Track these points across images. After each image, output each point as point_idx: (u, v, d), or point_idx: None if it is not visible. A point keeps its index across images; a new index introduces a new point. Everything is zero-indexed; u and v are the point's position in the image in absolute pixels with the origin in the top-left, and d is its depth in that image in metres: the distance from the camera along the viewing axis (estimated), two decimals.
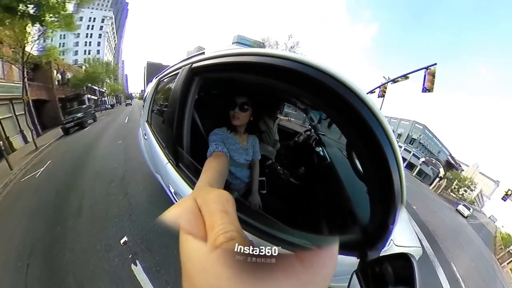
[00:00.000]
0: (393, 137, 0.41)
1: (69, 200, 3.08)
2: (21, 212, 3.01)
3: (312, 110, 2.04)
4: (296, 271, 0.16)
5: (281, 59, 0.47)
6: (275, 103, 1.66)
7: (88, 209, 2.79)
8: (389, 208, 0.45)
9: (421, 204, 9.25)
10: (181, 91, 0.86)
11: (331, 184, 1.15)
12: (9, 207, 3.31)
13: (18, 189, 4.05)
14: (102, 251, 2.02)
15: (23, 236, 2.41)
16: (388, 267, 0.47)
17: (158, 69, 2.50)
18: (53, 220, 2.65)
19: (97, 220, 2.51)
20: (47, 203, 3.11)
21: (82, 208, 2.82)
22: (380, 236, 0.48)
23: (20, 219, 2.78)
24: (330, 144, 1.76)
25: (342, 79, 0.40)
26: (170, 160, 0.99)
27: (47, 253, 2.11)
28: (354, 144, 0.48)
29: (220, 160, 0.63)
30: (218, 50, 0.74)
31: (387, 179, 0.42)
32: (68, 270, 1.87)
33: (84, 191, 3.31)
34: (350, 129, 0.44)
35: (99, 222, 2.46)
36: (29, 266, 1.96)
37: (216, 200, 0.22)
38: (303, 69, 0.43)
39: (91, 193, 3.21)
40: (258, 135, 1.11)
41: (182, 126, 0.86)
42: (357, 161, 0.70)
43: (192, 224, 0.19)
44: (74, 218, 2.62)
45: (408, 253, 0.49)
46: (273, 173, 1.35)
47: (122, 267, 1.83)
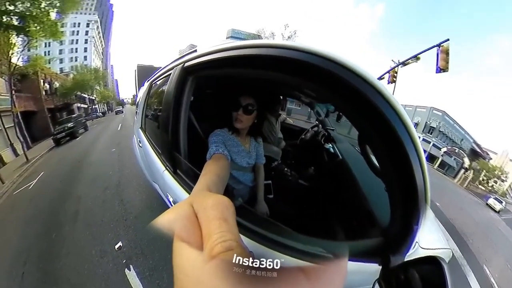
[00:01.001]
0: (412, 126, 0.40)
1: (64, 207, 3.30)
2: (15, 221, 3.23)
3: (318, 103, 2.02)
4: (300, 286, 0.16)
5: (281, 49, 0.46)
6: (276, 98, 1.66)
7: (83, 215, 2.99)
8: (412, 207, 0.44)
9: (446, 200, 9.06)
10: (175, 93, 0.87)
11: (345, 183, 1.14)
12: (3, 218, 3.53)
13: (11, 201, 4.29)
14: (97, 256, 2.15)
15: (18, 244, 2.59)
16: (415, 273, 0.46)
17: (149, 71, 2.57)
18: (49, 227, 2.85)
19: (92, 226, 2.69)
20: (43, 212, 3.34)
21: (78, 214, 3.03)
22: (404, 239, 0.46)
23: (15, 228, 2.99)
24: (340, 139, 1.75)
25: (350, 65, 0.39)
26: (167, 167, 1.00)
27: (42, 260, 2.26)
28: (368, 137, 0.47)
29: (220, 163, 0.62)
30: (212, 46, 0.74)
31: (408, 173, 0.41)
32: (62, 276, 2.01)
33: (80, 198, 3.55)
34: (362, 121, 0.43)
35: (94, 228, 2.63)
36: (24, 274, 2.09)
37: (215, 206, 0.22)
38: (307, 58, 0.42)
39: (86, 200, 3.44)
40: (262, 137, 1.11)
41: (178, 130, 0.86)
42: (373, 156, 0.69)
43: (187, 231, 0.19)
44: (69, 224, 2.83)
45: (437, 255, 0.48)
46: (280, 175, 1.34)
47: (116, 272, 1.93)
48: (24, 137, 11.38)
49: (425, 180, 0.43)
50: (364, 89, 0.39)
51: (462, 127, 29.38)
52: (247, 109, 0.86)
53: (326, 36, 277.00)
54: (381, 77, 10.58)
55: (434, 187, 9.37)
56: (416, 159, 0.41)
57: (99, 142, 8.67)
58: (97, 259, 2.11)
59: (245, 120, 0.88)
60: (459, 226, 5.83)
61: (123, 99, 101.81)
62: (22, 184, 5.24)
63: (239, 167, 0.93)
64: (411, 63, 9.50)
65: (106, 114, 32.92)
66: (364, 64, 2.52)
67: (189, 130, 0.90)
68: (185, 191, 0.79)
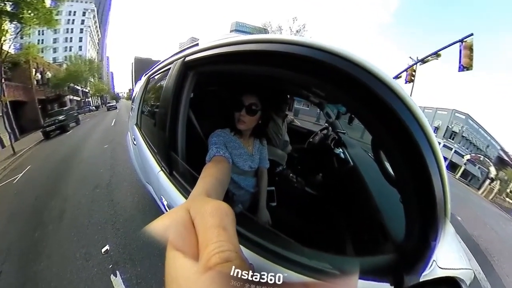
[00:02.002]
0: (431, 131, 0.40)
1: (50, 205, 3.34)
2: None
3: (328, 104, 2.02)
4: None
5: (289, 45, 0.46)
6: (283, 98, 1.66)
7: (69, 215, 3.02)
8: (430, 220, 0.43)
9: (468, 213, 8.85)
10: (174, 89, 0.88)
11: (356, 192, 1.13)
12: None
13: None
14: (82, 259, 2.16)
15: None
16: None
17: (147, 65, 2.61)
18: (32, 224, 2.89)
19: (78, 226, 2.71)
20: (27, 208, 3.39)
21: (64, 213, 3.06)
22: (420, 256, 0.46)
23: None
24: (352, 144, 1.74)
25: (363, 63, 0.39)
26: (163, 167, 1.01)
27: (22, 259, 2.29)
28: (382, 142, 0.46)
29: (221, 166, 0.63)
30: (214, 40, 0.75)
31: (426, 183, 0.41)
32: (43, 278, 2.01)
33: (67, 196, 3.58)
34: (376, 124, 0.43)
35: (80, 229, 2.64)
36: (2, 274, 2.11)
37: (213, 212, 0.22)
38: (316, 55, 0.42)
39: (74, 198, 3.47)
40: (266, 139, 1.11)
41: (176, 128, 0.87)
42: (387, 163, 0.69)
43: (182, 239, 0.19)
44: (54, 223, 2.85)
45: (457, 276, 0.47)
46: (285, 181, 1.34)
47: (101, 278, 1.93)
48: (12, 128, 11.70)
49: (445, 191, 0.43)
50: (378, 89, 0.38)
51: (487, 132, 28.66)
52: (250, 109, 0.86)
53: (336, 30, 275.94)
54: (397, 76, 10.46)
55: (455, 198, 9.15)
56: (436, 168, 0.41)
57: (91, 137, 8.77)
58: (81, 262, 2.11)
59: (249, 121, 0.88)
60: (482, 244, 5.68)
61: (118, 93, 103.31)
62: (7, 177, 5.33)
63: (240, 171, 0.93)
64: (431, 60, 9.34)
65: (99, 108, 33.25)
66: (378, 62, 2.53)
67: (188, 129, 0.91)
68: (181, 195, 0.80)
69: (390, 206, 0.78)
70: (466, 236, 5.64)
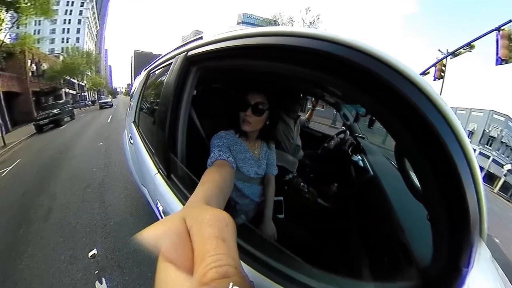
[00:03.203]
0: (464, 136, 0.39)
1: (38, 202, 3.49)
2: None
3: (346, 105, 2.00)
4: None
5: (302, 38, 0.46)
6: (295, 97, 1.66)
7: (57, 214, 3.12)
8: (462, 242, 0.41)
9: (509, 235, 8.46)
10: (175, 85, 0.90)
11: (376, 207, 1.10)
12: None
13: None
14: (66, 262, 2.21)
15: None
16: None
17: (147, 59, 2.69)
18: (17, 221, 3.02)
19: (66, 227, 2.79)
20: (13, 203, 3.55)
21: (51, 212, 3.17)
22: (448, 284, 0.44)
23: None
24: (372, 150, 1.71)
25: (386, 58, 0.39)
26: (160, 170, 1.02)
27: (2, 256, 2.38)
28: (407, 149, 0.45)
29: (223, 172, 0.63)
30: (219, 33, 0.76)
31: (458, 198, 0.39)
32: (23, 278, 2.08)
33: (56, 193, 3.73)
34: (400, 128, 0.42)
35: (67, 230, 2.73)
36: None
37: (212, 222, 0.22)
38: (333, 49, 0.42)
39: (63, 197, 3.60)
40: (275, 143, 1.11)
41: (177, 128, 0.89)
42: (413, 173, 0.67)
43: (176, 250, 0.19)
44: (40, 222, 2.96)
45: None
46: (295, 191, 1.33)
47: (85, 283, 1.97)
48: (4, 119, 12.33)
49: (480, 207, 0.41)
50: (402, 87, 0.38)
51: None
52: (256, 109, 0.87)
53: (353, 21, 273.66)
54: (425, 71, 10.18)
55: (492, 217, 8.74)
56: (470, 179, 0.39)
57: (85, 133, 9.14)
58: (65, 265, 2.16)
59: (255, 121, 0.89)
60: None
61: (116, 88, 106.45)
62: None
63: (245, 177, 0.94)
64: (464, 53, 8.95)
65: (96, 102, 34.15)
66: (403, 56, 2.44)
67: (189, 129, 0.92)
68: (178, 201, 0.81)
69: (415, 223, 0.76)
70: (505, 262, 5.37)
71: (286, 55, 0.50)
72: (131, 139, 1.87)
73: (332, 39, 0.43)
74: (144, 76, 2.06)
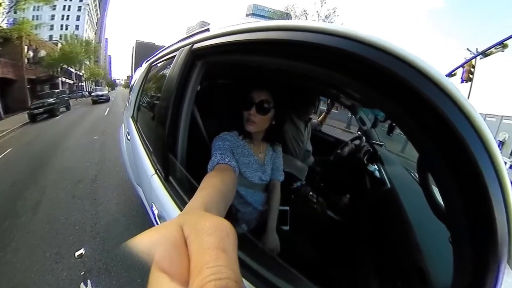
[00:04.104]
0: (495, 147, 0.37)
1: (26, 194, 3.60)
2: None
3: (363, 108, 1.98)
4: None
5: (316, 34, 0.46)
6: (307, 98, 1.65)
7: (45, 208, 3.20)
8: (488, 268, 0.40)
9: None
10: (179, 80, 0.90)
11: (391, 223, 1.08)
12: None
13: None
14: (51, 260, 2.26)
15: None
16: None
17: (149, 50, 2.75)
18: (3, 213, 3.11)
19: (54, 222, 2.86)
20: (0, 193, 3.68)
21: (39, 206, 3.26)
22: None
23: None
24: (391, 159, 1.68)
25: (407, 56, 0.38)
26: (158, 170, 1.03)
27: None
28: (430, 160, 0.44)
29: (225, 176, 0.63)
30: (227, 25, 0.76)
31: (486, 220, 0.38)
32: (5, 272, 2.13)
33: (46, 187, 3.84)
34: (423, 136, 0.41)
35: (55, 226, 2.78)
36: None
37: (212, 231, 0.22)
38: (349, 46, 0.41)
39: (53, 191, 3.69)
40: (283, 146, 1.11)
41: (178, 126, 0.89)
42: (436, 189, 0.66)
43: (171, 259, 0.19)
44: (27, 215, 3.05)
45: None
46: (302, 201, 1.32)
47: (69, 284, 1.99)
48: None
49: (510, 230, 0.40)
50: (426, 90, 0.37)
51: None
52: (261, 107, 0.87)
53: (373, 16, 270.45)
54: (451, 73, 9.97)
55: None
56: (500, 197, 0.38)
57: (80, 125, 9.38)
58: (50, 263, 2.20)
59: (259, 121, 0.88)
60: None
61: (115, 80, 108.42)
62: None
63: (248, 183, 0.93)
64: (495, 52, 8.72)
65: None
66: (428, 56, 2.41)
67: (191, 128, 0.92)
68: (175, 205, 0.81)
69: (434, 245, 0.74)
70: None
71: (299, 52, 0.50)
72: (128, 134, 1.90)
73: (350, 35, 0.42)
74: (145, 68, 2.09)
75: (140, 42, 66.16)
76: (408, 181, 1.39)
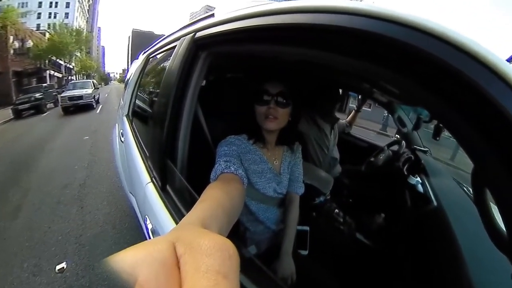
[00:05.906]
0: None
1: (6, 197, 3.79)
2: None
3: (402, 105, 1.94)
4: None
5: (344, 15, 0.45)
6: (334, 95, 1.64)
7: (27, 214, 3.33)
8: None
9: None
10: (179, 74, 0.91)
11: (437, 251, 1.05)
12: None
13: None
14: (29, 272, 2.33)
15: None
16: None
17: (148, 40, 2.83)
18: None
19: (34, 230, 2.96)
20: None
21: (20, 211, 3.41)
22: None
23: None
24: (438, 170, 1.63)
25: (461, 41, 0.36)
26: (154, 178, 1.04)
27: None
28: (488, 173, 0.43)
29: (230, 188, 0.62)
30: (235, 9, 0.76)
31: None
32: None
33: (29, 190, 4.03)
34: (480, 141, 0.39)
35: (36, 234, 2.88)
36: None
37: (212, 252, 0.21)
38: (386, 30, 0.40)
39: (36, 195, 3.86)
40: (303, 152, 1.11)
41: (178, 127, 0.90)
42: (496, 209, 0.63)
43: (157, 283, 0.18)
44: (6, 221, 3.18)
45: None
46: (326, 220, 1.31)
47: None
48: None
49: None
50: (485, 83, 0.34)
51: None
52: (281, 100, 0.88)
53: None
54: None
55: None
56: None
57: (69, 123, 9.81)
58: (27, 275, 2.27)
59: (282, 115, 0.89)
60: None
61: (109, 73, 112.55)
62: None
63: (261, 196, 0.93)
64: None
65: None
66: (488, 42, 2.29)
67: (194, 129, 0.93)
68: (172, 219, 0.81)
69: (492, 282, 0.72)
70: None
71: (324, 39, 0.49)
72: (122, 136, 1.95)
73: (387, 16, 0.41)
74: (143, 60, 2.14)
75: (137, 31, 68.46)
76: (459, 198, 1.34)
